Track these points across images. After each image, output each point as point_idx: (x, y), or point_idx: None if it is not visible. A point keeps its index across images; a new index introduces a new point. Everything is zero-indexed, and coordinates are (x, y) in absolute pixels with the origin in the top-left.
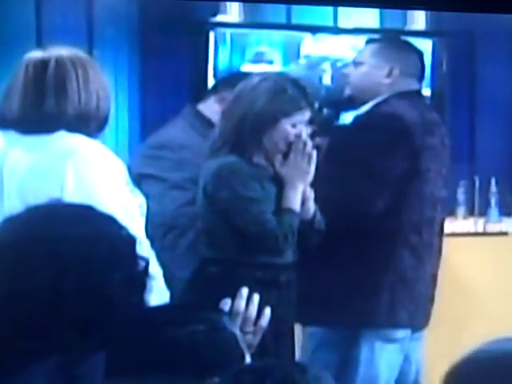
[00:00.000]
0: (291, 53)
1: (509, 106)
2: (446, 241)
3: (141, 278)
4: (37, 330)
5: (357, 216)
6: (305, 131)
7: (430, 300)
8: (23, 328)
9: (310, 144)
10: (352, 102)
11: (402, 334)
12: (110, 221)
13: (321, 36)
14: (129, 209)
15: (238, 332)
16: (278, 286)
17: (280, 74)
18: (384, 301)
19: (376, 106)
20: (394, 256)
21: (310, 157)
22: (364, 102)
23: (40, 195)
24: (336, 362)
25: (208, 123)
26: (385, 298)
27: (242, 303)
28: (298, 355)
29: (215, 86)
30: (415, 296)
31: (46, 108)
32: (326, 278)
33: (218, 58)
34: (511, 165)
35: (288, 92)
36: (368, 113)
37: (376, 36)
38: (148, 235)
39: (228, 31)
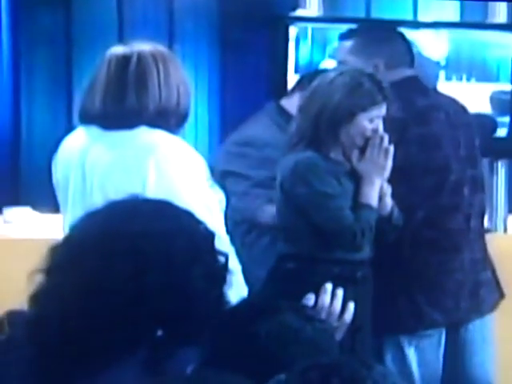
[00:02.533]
0: None
1: None
2: None
3: (221, 273)
4: (119, 325)
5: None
6: (381, 126)
7: (482, 284)
8: (106, 323)
9: (386, 138)
10: None
11: (435, 330)
12: (189, 216)
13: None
14: (208, 204)
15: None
16: (355, 282)
17: (356, 69)
18: (403, 305)
19: None
20: (410, 259)
21: (386, 152)
22: None
23: (122, 190)
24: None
25: (291, 120)
26: (403, 302)
27: (326, 298)
28: None
29: (299, 82)
30: (451, 289)
31: (127, 104)
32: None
33: (299, 53)
34: None
35: (364, 86)
36: None
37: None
38: (228, 231)
39: (309, 26)
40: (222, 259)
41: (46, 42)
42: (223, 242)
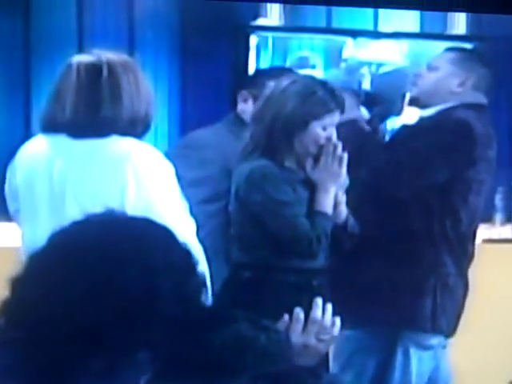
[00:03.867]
0: (333, 57)
1: None
2: (483, 247)
3: (195, 291)
4: (79, 335)
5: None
6: (335, 134)
7: (462, 307)
8: (66, 333)
9: (340, 146)
10: (417, 104)
11: (436, 341)
12: (167, 234)
13: (362, 40)
14: (182, 211)
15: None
16: (311, 290)
17: (309, 77)
18: (428, 305)
19: (444, 110)
20: (438, 261)
21: (340, 159)
22: (427, 106)
23: (99, 200)
24: (372, 368)
25: (241, 122)
26: (428, 302)
27: (318, 312)
28: (332, 359)
29: (239, 86)
30: (454, 303)
31: (102, 113)
32: (372, 278)
33: (260, 61)
34: None
35: (317, 94)
36: (434, 115)
37: (453, 45)
38: None
39: (270, 35)
40: (197, 278)
41: (4, 49)
42: (196, 251)
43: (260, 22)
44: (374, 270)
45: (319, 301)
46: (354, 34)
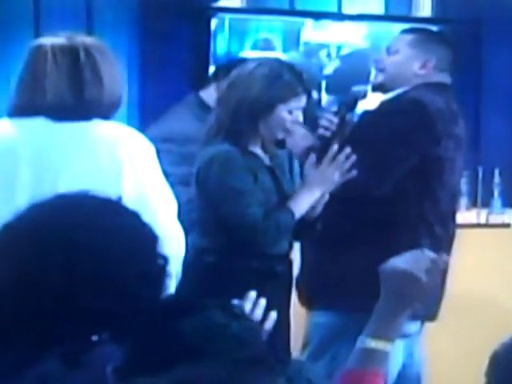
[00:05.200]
0: (291, 40)
1: None
2: None
3: (157, 276)
4: (45, 316)
5: (362, 200)
6: (301, 117)
7: (442, 291)
8: (31, 314)
9: (344, 156)
10: (381, 89)
11: (413, 327)
12: (134, 216)
13: (321, 23)
14: (169, 193)
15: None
16: (275, 276)
17: (276, 60)
18: None
19: (402, 93)
20: (415, 245)
21: (340, 168)
22: (391, 90)
23: (93, 183)
24: (345, 354)
25: (210, 111)
26: None
27: (247, 305)
28: (304, 347)
29: (215, 73)
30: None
31: (85, 96)
32: (345, 263)
33: (217, 44)
34: None
35: (284, 78)
36: (393, 98)
37: (410, 26)
38: None
39: (227, 17)
40: (161, 263)
41: None
42: (177, 237)
43: (221, 3)
44: (347, 256)
45: (252, 294)
46: (318, 16)
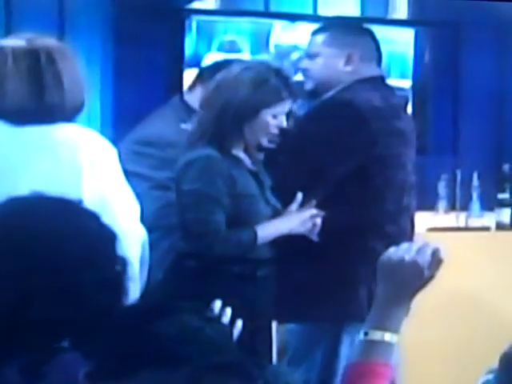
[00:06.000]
0: (261, 42)
1: (493, 99)
2: (426, 235)
3: (117, 279)
4: (2, 328)
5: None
6: (285, 122)
7: None
8: None
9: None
10: (316, 95)
11: None
12: (92, 218)
13: (290, 25)
14: (131, 196)
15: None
16: (255, 281)
17: (263, 64)
18: (363, 294)
19: (336, 93)
20: (366, 248)
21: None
22: (326, 93)
23: (53, 186)
24: (319, 359)
25: (189, 108)
26: (363, 291)
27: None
28: (278, 353)
29: (200, 75)
30: None
31: (46, 99)
32: (304, 274)
33: (185, 45)
34: (494, 158)
35: (270, 82)
36: (323, 102)
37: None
38: None
39: (194, 18)
40: (120, 265)
41: None
42: (138, 238)
43: (196, 4)
44: (309, 266)
45: (218, 303)
46: (294, 18)
